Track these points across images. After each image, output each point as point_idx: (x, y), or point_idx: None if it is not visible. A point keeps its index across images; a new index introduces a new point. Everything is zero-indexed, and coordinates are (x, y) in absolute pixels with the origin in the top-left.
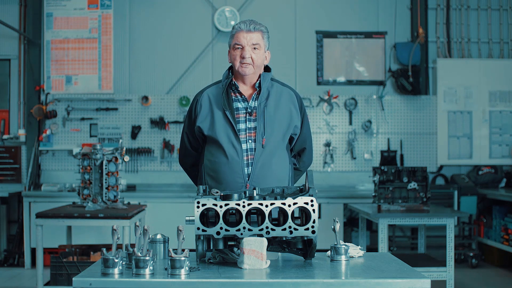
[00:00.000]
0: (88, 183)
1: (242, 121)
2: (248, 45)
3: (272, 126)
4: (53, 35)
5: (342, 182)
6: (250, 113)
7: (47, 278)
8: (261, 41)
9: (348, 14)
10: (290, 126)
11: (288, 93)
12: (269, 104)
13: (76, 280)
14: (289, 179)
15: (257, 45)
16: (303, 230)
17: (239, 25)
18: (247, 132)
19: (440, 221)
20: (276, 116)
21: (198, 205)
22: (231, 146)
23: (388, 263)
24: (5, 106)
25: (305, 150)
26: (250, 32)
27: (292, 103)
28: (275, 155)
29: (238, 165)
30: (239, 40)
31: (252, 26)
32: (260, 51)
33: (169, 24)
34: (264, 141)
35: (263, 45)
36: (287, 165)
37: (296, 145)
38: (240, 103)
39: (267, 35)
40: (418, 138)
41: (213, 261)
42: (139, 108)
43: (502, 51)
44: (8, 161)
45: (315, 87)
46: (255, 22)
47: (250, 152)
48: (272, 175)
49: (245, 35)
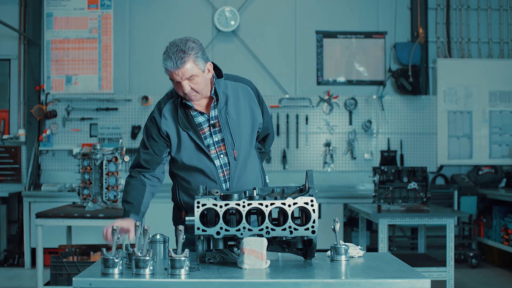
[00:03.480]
0: (88, 183)
1: (208, 136)
2: (183, 80)
3: (239, 134)
4: (53, 35)
5: (342, 182)
6: (214, 124)
7: (47, 278)
8: (195, 68)
9: (348, 14)
10: (254, 126)
11: (244, 89)
12: (230, 110)
13: (76, 280)
14: (261, 179)
15: (192, 76)
16: (303, 230)
17: (166, 64)
18: (216, 146)
19: (440, 221)
20: (240, 122)
21: (198, 205)
22: (205, 166)
23: (388, 263)
24: (5, 106)
25: (269, 135)
26: (179, 69)
27: (250, 99)
28: (247, 163)
29: (217, 184)
30: (173, 77)
31: (179, 62)
32: (198, 78)
33: (169, 24)
34: (236, 153)
35: (198, 69)
36: (258, 166)
37: (261, 135)
38: (200, 117)
39: (199, 53)
40: (418, 138)
41: (213, 261)
42: (139, 108)
43: (502, 51)
44: (8, 161)
45: (315, 87)
46: (181, 52)
47: (225, 167)
48: (248, 182)
49: (176, 71)
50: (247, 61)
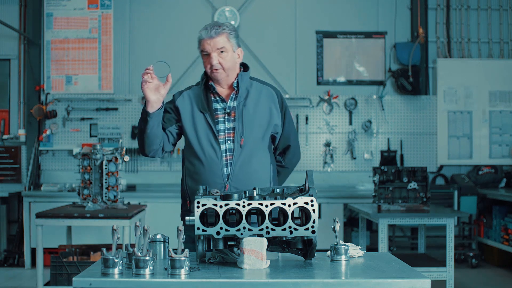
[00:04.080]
0: (88, 183)
1: (221, 121)
2: (213, 51)
3: (251, 126)
4: (53, 35)
5: (342, 182)
6: (229, 113)
7: (47, 278)
8: (227, 43)
9: (348, 14)
10: (269, 125)
11: (268, 91)
12: (248, 104)
13: (76, 280)
14: (270, 179)
15: (222, 48)
16: (303, 230)
17: (201, 32)
18: (226, 132)
19: (440, 221)
20: (255, 115)
21: (198, 205)
22: (210, 147)
23: (388, 263)
24: (5, 106)
25: (289, 148)
26: (212, 38)
27: (272, 101)
28: (254, 155)
29: (217, 166)
30: (204, 47)
31: (214, 31)
32: (228, 54)
33: (169, 24)
34: (243, 141)
35: (230, 46)
36: (268, 165)
37: (280, 143)
38: (218, 103)
39: (233, 34)
40: (418, 138)
41: (213, 261)
42: (139, 108)
43: (502, 51)
44: (8, 161)
45: (315, 87)
46: (217, 25)
47: (229, 152)
48: (251, 175)
49: (208, 41)
50: (247, 61)
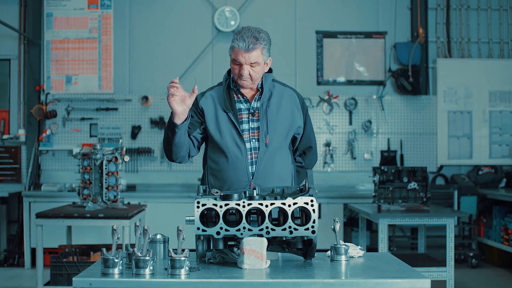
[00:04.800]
0: (88, 183)
1: (245, 121)
2: (246, 63)
3: (275, 126)
4: (53, 35)
5: (342, 182)
6: (253, 113)
7: (47, 278)
8: (260, 57)
9: (348, 14)
10: (292, 127)
11: (290, 93)
12: (271, 105)
13: (76, 280)
14: (292, 178)
15: (255, 63)
16: (303, 230)
17: (238, 43)
18: (250, 132)
19: (440, 221)
20: (278, 116)
21: (198, 205)
22: (235, 145)
23: (388, 263)
24: (5, 106)
25: (311, 149)
26: (248, 52)
27: (294, 103)
28: (278, 154)
29: (242, 163)
30: (237, 57)
31: (251, 46)
32: (259, 67)
33: (169, 24)
34: (268, 140)
35: (262, 59)
36: (290, 164)
37: (301, 144)
38: (242, 104)
39: (267, 46)
40: (418, 138)
41: (213, 261)
42: (139, 108)
43: (502, 51)
44: (8, 161)
45: (315, 87)
46: (254, 39)
47: (254, 151)
48: (275, 173)
49: (243, 54)
50: None
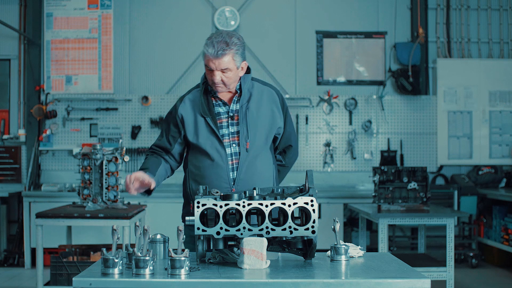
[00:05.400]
0: (88, 183)
1: (224, 126)
2: (217, 70)
3: (255, 129)
4: (53, 35)
5: (342, 182)
6: (232, 117)
7: (47, 278)
8: (231, 63)
9: (348, 14)
10: (272, 128)
11: (270, 92)
12: (251, 106)
13: (76, 280)
14: (273, 179)
15: (226, 69)
16: (303, 230)
17: (208, 49)
18: (230, 136)
19: (440, 221)
20: (258, 118)
21: (198, 205)
22: (215, 151)
23: (388, 263)
24: (5, 106)
25: (290, 148)
26: (218, 58)
27: (274, 103)
28: (259, 157)
29: (223, 170)
30: (208, 63)
31: (220, 52)
32: (232, 72)
33: (169, 24)
34: (248, 145)
35: (234, 65)
36: (271, 165)
37: (281, 143)
38: (221, 107)
39: (240, 51)
40: (418, 138)
41: (213, 261)
42: (139, 108)
43: (502, 51)
44: (8, 161)
45: (315, 87)
46: (224, 44)
47: (234, 156)
48: (257, 177)
49: (213, 60)
50: (247, 61)
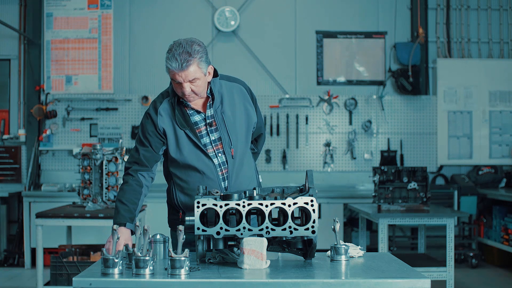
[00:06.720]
0: (88, 183)
1: (204, 134)
2: (185, 82)
3: (236, 134)
4: (53, 35)
5: (342, 182)
6: (210, 123)
7: (47, 278)
8: (198, 71)
9: (348, 14)
10: (249, 126)
11: (238, 88)
12: (226, 110)
13: (76, 280)
14: (256, 177)
15: (194, 79)
16: (303, 230)
17: (171, 63)
18: (213, 145)
19: (440, 221)
20: (235, 121)
21: (198, 205)
22: (203, 164)
23: (388, 263)
24: (5, 106)
25: (261, 135)
26: (183, 71)
27: (244, 99)
28: (244, 161)
29: (214, 182)
30: (175, 78)
31: (185, 64)
32: (200, 81)
33: (169, 24)
34: (233, 152)
35: (201, 72)
36: (253, 164)
37: (254, 134)
38: (196, 116)
39: (204, 57)
40: (418, 138)
41: (213, 261)
42: (139, 108)
43: (502, 51)
44: (8, 161)
45: (315, 87)
46: (187, 55)
47: (223, 166)
48: (245, 182)
49: (179, 73)
50: (247, 61)
